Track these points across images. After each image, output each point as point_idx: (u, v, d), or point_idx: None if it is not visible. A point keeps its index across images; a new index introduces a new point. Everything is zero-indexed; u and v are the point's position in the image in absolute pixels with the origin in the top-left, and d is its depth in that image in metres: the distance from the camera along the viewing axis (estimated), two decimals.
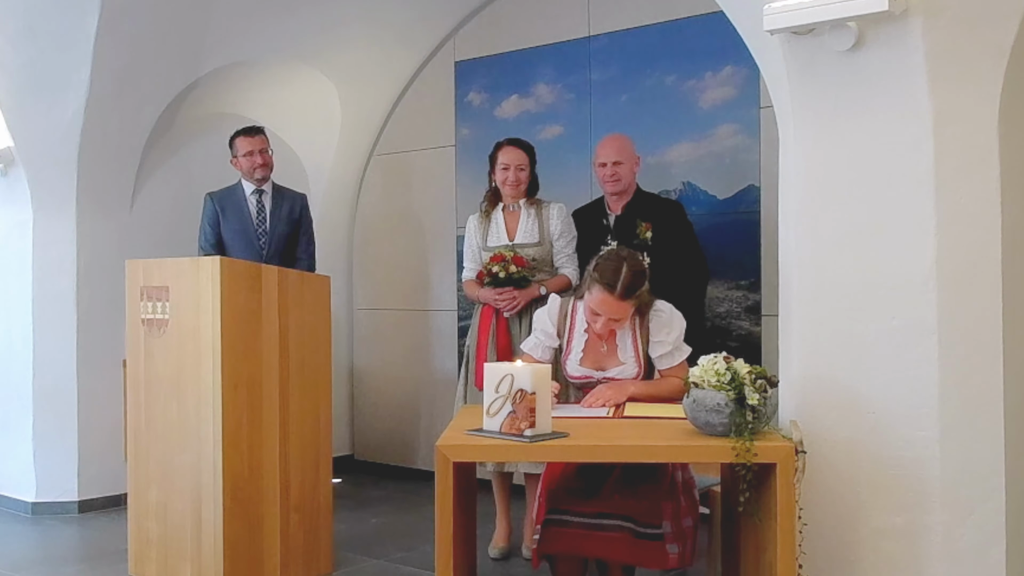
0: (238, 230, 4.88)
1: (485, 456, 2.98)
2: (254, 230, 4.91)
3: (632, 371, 3.26)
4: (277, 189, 5.02)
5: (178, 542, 3.76)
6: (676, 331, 3.27)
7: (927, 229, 2.56)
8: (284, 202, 4.99)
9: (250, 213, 4.92)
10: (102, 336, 5.11)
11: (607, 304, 3.15)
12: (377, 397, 6.21)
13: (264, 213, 4.94)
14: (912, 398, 2.59)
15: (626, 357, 3.27)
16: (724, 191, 4.82)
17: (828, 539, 2.69)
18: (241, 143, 4.90)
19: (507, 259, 4.20)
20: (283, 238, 4.95)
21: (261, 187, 4.94)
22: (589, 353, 3.31)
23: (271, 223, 4.94)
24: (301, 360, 3.94)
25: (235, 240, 4.87)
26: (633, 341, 3.28)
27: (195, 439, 3.70)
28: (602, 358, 3.30)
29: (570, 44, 5.34)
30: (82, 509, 5.11)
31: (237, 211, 4.90)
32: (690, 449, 2.55)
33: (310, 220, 5.11)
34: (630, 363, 3.26)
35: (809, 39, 2.65)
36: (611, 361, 3.28)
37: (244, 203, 4.92)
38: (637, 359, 3.26)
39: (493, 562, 4.20)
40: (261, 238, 4.91)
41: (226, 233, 4.89)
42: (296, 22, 5.28)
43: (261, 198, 4.95)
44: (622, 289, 3.12)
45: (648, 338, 3.26)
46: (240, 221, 4.90)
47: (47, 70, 4.73)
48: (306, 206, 5.10)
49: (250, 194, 4.93)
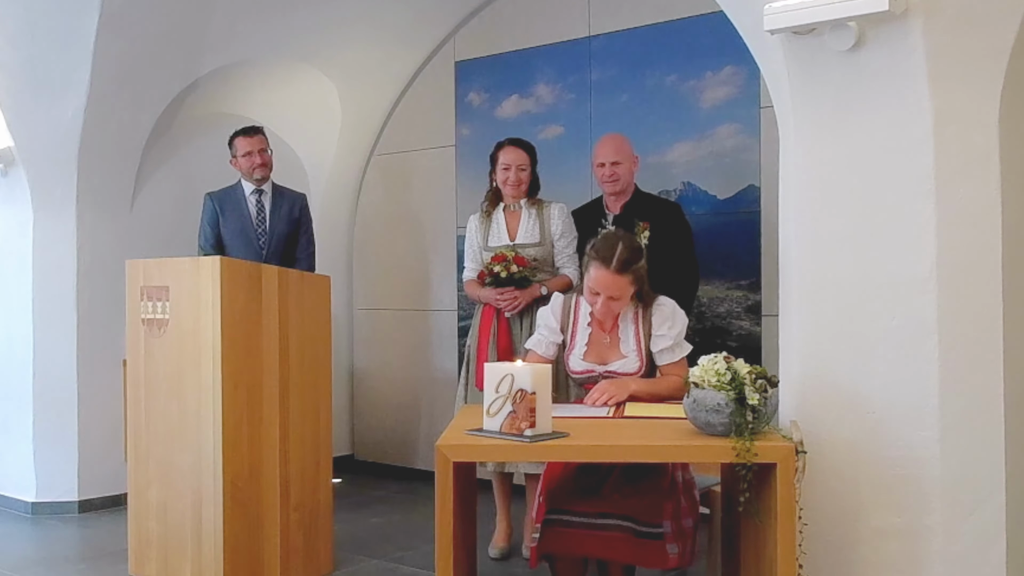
0: (238, 230, 4.88)
1: (485, 456, 2.98)
2: (254, 230, 4.90)
3: (634, 365, 3.25)
4: (277, 189, 5.02)
5: (178, 542, 3.76)
6: (678, 326, 3.27)
7: (927, 229, 2.56)
8: (284, 202, 5.00)
9: (250, 213, 4.92)
10: (102, 336, 5.11)
11: (604, 279, 3.15)
12: (377, 397, 6.21)
13: (264, 213, 4.94)
14: (912, 398, 2.59)
15: (628, 350, 3.27)
16: (724, 191, 4.82)
17: (828, 539, 2.68)
18: (240, 143, 4.90)
19: (508, 259, 4.20)
20: (283, 238, 4.95)
21: (261, 187, 4.94)
22: (592, 347, 3.31)
23: (271, 223, 4.94)
24: (301, 360, 3.94)
25: (235, 240, 4.87)
26: (636, 334, 3.27)
27: (195, 439, 3.70)
28: (605, 352, 3.29)
29: (570, 44, 5.34)
30: (82, 509, 5.11)
31: (237, 211, 4.90)
32: (690, 449, 2.55)
33: (310, 220, 5.11)
34: (632, 357, 3.26)
35: (809, 39, 2.65)
36: (613, 354, 3.28)
37: (244, 203, 4.92)
38: (639, 353, 3.25)
39: (493, 562, 4.20)
40: (261, 238, 4.91)
41: (226, 233, 4.89)
42: (296, 22, 5.29)
43: (261, 198, 4.95)
44: (618, 263, 3.13)
45: (650, 332, 3.26)
46: (240, 221, 4.90)
47: (47, 70, 4.73)
48: (306, 206, 5.10)
49: (250, 194, 4.93)
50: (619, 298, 3.20)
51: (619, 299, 3.20)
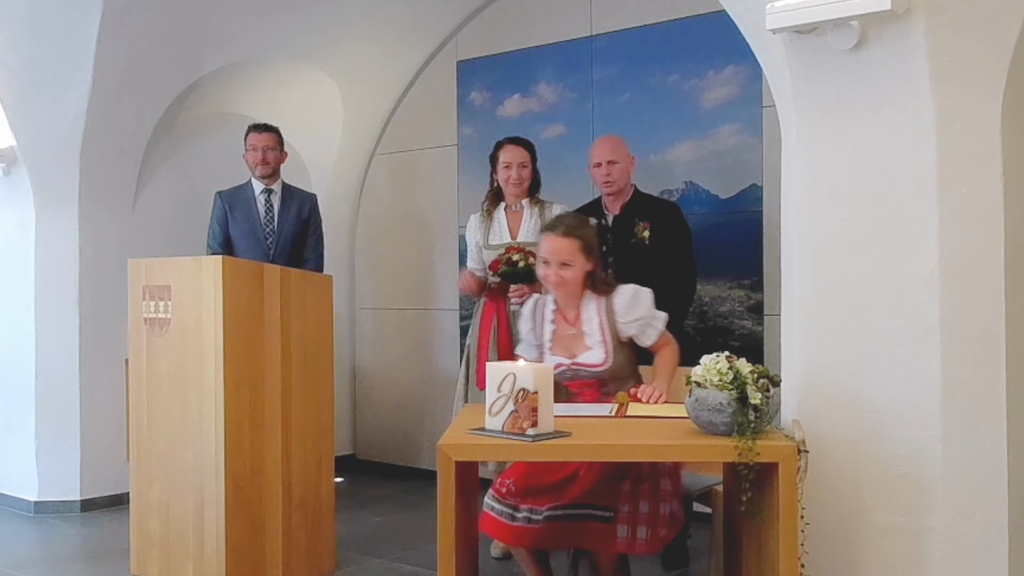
0: (246, 229, 4.86)
1: (487, 455, 2.97)
2: (262, 229, 4.89)
3: (599, 356, 3.25)
4: (287, 189, 5.00)
5: (180, 541, 3.76)
6: (643, 305, 3.28)
7: (929, 228, 2.56)
8: (293, 202, 4.97)
9: (258, 213, 4.90)
10: (104, 335, 5.11)
11: (550, 243, 3.22)
12: (379, 396, 6.21)
13: (272, 213, 4.92)
14: (914, 397, 2.58)
15: (593, 342, 3.27)
16: (726, 190, 4.82)
17: (830, 538, 2.68)
18: (250, 138, 4.90)
19: (525, 251, 4.20)
20: (291, 238, 4.92)
21: (271, 186, 4.92)
22: (558, 341, 3.32)
23: (279, 223, 4.91)
24: (303, 359, 3.94)
25: (243, 239, 4.85)
26: (600, 325, 3.27)
27: (197, 438, 3.70)
28: (571, 344, 3.30)
29: (572, 43, 5.34)
30: (84, 508, 5.11)
31: (245, 210, 4.89)
32: (692, 448, 2.54)
33: (319, 220, 5.08)
34: (597, 348, 3.26)
35: (812, 38, 2.65)
36: (579, 347, 3.28)
37: (253, 202, 4.91)
38: (604, 344, 3.25)
39: (495, 561, 4.20)
40: (268, 238, 4.89)
41: (234, 232, 4.87)
42: (298, 21, 5.29)
43: (270, 197, 4.93)
44: (564, 228, 3.23)
45: (614, 320, 3.26)
46: (248, 220, 4.88)
47: (50, 69, 4.74)
48: (316, 206, 5.08)
49: (259, 193, 4.92)
50: (571, 264, 3.22)
51: (571, 266, 3.22)
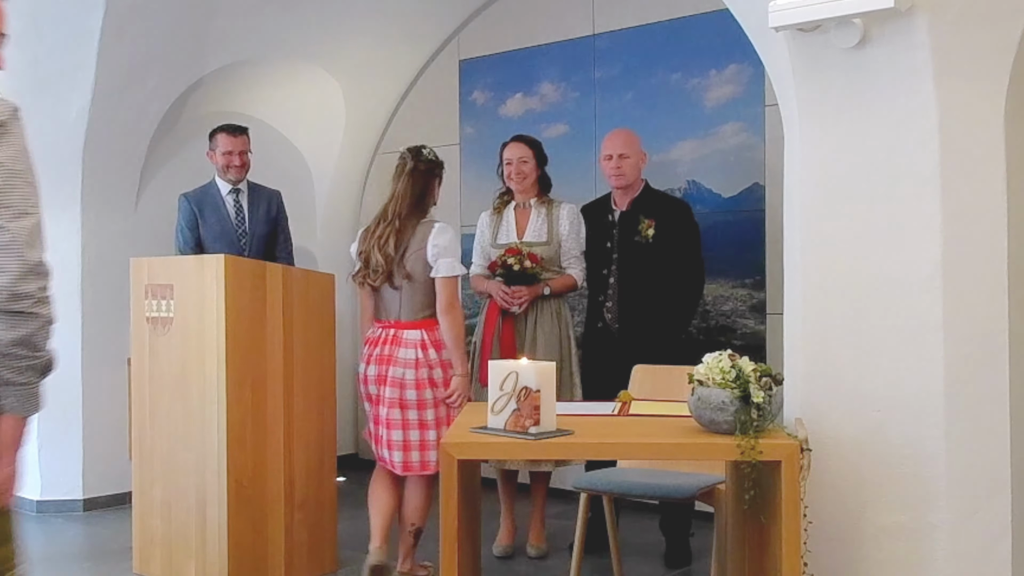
0: (218, 232, 4.76)
1: (489, 454, 2.97)
2: (234, 231, 4.80)
3: None
4: (252, 187, 4.91)
5: (182, 540, 3.76)
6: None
7: (933, 226, 2.56)
8: (261, 201, 4.88)
9: (228, 214, 4.81)
10: (107, 334, 5.11)
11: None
12: None
13: (243, 213, 4.84)
14: (917, 396, 2.58)
15: None
16: (729, 189, 4.82)
17: (833, 537, 2.68)
18: (223, 140, 4.80)
19: (523, 253, 4.20)
20: (263, 237, 4.85)
21: (238, 186, 4.83)
22: None
23: (250, 223, 4.83)
24: (305, 358, 3.95)
25: (216, 242, 4.73)
26: None
27: (199, 437, 3.70)
28: None
29: (574, 42, 5.33)
30: (87, 507, 5.12)
31: (215, 212, 4.78)
32: (695, 447, 2.54)
33: (286, 217, 5.00)
34: None
35: (815, 36, 2.64)
36: None
37: (221, 203, 4.80)
38: None
39: (497, 560, 4.20)
40: (242, 239, 4.80)
41: (206, 235, 4.76)
42: (300, 20, 5.29)
43: (238, 197, 4.84)
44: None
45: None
46: (219, 222, 4.78)
47: (52, 69, 4.73)
48: (282, 203, 4.99)
49: (227, 194, 4.82)
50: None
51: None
